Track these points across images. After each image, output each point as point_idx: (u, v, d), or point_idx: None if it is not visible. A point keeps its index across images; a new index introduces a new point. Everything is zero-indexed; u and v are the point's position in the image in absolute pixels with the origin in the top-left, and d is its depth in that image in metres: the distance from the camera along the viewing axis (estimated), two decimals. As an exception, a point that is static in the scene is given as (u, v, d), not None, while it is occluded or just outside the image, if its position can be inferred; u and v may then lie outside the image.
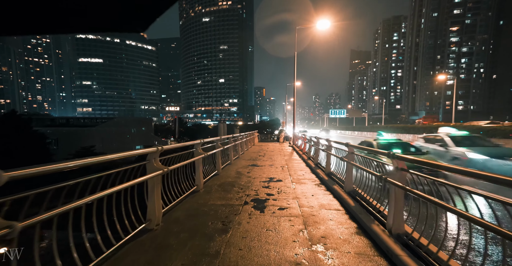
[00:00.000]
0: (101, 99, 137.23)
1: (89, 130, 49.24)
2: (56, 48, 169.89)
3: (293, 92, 16.46)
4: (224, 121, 37.61)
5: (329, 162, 5.75)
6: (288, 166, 7.53)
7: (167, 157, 3.24)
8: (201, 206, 3.50)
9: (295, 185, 4.98)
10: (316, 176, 5.93)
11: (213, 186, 4.71)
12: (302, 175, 6.11)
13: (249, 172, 6.38)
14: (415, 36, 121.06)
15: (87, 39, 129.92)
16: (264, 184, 4.98)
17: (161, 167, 2.67)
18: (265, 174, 6.08)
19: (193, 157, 4.13)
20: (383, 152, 2.61)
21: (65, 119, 65.63)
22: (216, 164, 5.95)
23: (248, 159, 9.00)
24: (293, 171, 6.58)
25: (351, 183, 4.08)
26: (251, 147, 14.40)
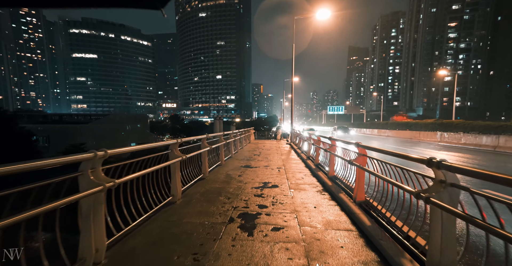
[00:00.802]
0: (96, 95, 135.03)
1: (82, 127, 48.09)
2: (49, 43, 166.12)
3: (291, 88, 15.64)
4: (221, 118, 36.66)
5: (332, 163, 4.97)
6: (286, 167, 6.75)
7: (125, 162, 2.43)
8: (171, 226, 2.68)
9: (293, 192, 4.20)
10: (318, 179, 5.15)
11: (194, 195, 3.90)
12: (301, 178, 5.33)
13: (240, 175, 5.58)
14: (414, 32, 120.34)
15: (80, 34, 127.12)
16: (256, 191, 4.19)
17: (103, 181, 1.87)
18: (259, 178, 5.29)
19: (168, 161, 3.31)
20: (421, 158, 1.80)
21: (58, 116, 64.35)
22: (202, 166, 5.13)
23: (242, 159, 8.19)
24: (291, 174, 5.80)
25: (362, 192, 3.31)
26: (247, 145, 13.60)
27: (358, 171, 3.32)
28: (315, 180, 5.13)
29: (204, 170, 5.13)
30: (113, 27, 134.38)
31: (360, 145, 3.29)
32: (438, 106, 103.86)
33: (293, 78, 15.39)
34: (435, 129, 16.79)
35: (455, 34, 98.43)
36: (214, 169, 6.22)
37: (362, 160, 3.28)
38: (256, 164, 7.22)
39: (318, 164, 6.48)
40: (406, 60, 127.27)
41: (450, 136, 14.55)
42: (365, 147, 3.24)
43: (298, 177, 5.42)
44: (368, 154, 3.28)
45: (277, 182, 4.95)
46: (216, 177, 5.32)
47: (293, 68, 14.19)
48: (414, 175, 2.08)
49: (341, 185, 4.26)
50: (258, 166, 6.87)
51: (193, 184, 4.55)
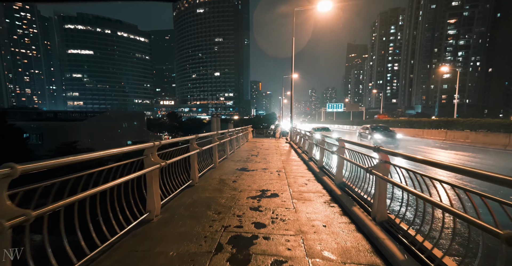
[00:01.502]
0: (92, 92, 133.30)
1: (77, 125, 47.13)
2: (45, 39, 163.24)
3: (291, 84, 14.94)
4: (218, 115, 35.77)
5: (341, 168, 4.31)
6: (286, 170, 6.10)
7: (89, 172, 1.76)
8: (137, 261, 2.01)
9: (296, 203, 3.55)
10: (323, 186, 4.50)
11: (178, 209, 3.23)
12: (305, 184, 4.68)
13: (235, 180, 4.91)
14: (413, 28, 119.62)
15: (76, 29, 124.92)
16: (253, 203, 3.53)
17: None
18: (256, 184, 4.63)
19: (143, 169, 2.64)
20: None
21: (53, 113, 63.34)
22: (191, 171, 4.46)
23: (238, 160, 7.52)
24: (293, 178, 5.15)
25: (384, 207, 2.66)
26: (244, 144, 12.93)
27: (379, 181, 2.67)
28: (320, 187, 4.48)
29: (193, 176, 4.45)
30: (109, 23, 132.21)
31: (382, 149, 2.63)
32: (436, 103, 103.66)
33: (292, 74, 14.68)
34: (440, 127, 16.15)
35: (455, 31, 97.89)
36: (206, 172, 5.55)
37: (384, 168, 2.62)
38: (253, 166, 6.56)
39: (323, 167, 5.83)
40: (405, 57, 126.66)
41: (456, 134, 13.94)
42: (388, 151, 2.58)
43: (301, 183, 4.76)
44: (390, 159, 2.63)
45: (277, 189, 4.29)
46: (207, 183, 4.64)
47: (293, 63, 13.47)
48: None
49: (353, 195, 3.61)
50: (255, 168, 6.21)
51: (179, 193, 3.88)
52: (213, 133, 6.05)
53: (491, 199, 1.31)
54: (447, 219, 3.39)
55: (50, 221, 1.60)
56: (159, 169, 2.90)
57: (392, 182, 2.35)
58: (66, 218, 1.75)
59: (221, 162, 7.14)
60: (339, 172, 4.30)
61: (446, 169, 1.62)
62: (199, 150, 4.41)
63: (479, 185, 5.51)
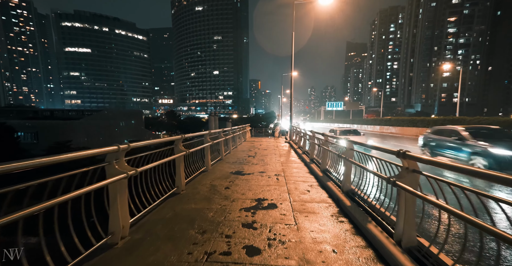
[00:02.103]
0: (90, 91, 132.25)
1: (73, 124, 46.46)
2: (42, 37, 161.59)
3: (290, 82, 14.34)
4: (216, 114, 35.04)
5: (349, 172, 3.73)
6: (286, 173, 5.51)
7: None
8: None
9: (298, 216, 2.96)
10: (329, 194, 3.92)
11: (154, 226, 2.63)
12: (307, 191, 4.10)
13: (228, 186, 4.32)
14: (413, 27, 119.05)
15: (73, 27, 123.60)
16: (246, 217, 2.94)
17: None
18: (252, 191, 4.04)
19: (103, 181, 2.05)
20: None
21: (50, 112, 62.60)
22: (176, 177, 3.87)
23: (233, 162, 6.93)
24: (293, 184, 4.56)
25: (412, 229, 2.07)
26: (241, 144, 12.34)
27: (404, 195, 2.08)
28: (325, 195, 3.90)
29: (179, 182, 3.86)
30: (106, 21, 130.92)
31: (408, 154, 2.03)
32: (436, 102, 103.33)
33: (292, 70, 14.07)
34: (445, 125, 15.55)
35: (455, 29, 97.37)
36: (196, 177, 4.95)
37: (413, 179, 2.03)
38: (249, 169, 5.97)
39: (326, 170, 5.24)
40: (405, 55, 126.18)
41: (463, 133, 13.30)
42: (417, 158, 1.99)
43: (303, 190, 4.18)
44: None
45: (276, 197, 3.71)
46: (195, 190, 4.05)
47: (293, 58, 12.88)
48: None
49: (365, 206, 3.03)
50: (252, 171, 5.62)
51: (160, 203, 3.29)
52: (204, 133, 5.46)
53: None
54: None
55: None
56: (128, 178, 2.30)
57: (426, 199, 1.76)
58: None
59: (214, 163, 6.55)
60: (347, 177, 3.72)
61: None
62: (185, 152, 3.82)
63: None
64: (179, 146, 3.75)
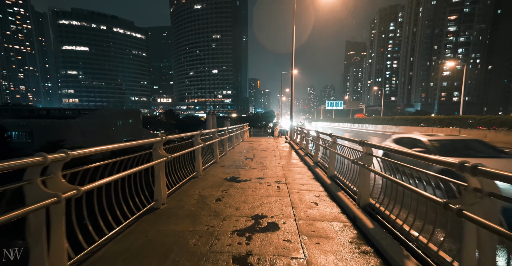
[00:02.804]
0: (88, 89, 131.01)
1: (69, 122, 45.62)
2: (39, 35, 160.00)
3: (291, 80, 13.63)
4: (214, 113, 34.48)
5: (367, 182, 3.03)
6: (287, 179, 4.82)
7: None
8: None
9: (307, 244, 2.28)
10: (342, 208, 3.23)
11: (115, 260, 1.95)
12: (314, 204, 3.42)
13: (220, 198, 3.63)
14: (413, 25, 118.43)
15: (70, 25, 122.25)
16: (239, 246, 2.25)
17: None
18: (248, 204, 3.35)
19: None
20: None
21: (46, 111, 61.74)
22: (155, 188, 3.16)
23: (229, 166, 6.23)
24: (297, 194, 3.88)
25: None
26: (239, 144, 11.64)
27: (470, 227, 1.39)
28: (336, 209, 3.21)
29: (159, 195, 3.15)
30: (104, 19, 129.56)
31: (482, 170, 1.33)
32: (436, 101, 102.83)
33: (293, 66, 13.37)
34: (452, 125, 14.90)
35: (455, 28, 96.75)
36: (183, 185, 4.24)
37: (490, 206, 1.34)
38: (246, 174, 5.27)
39: (335, 177, 4.55)
40: (405, 54, 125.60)
41: (471, 133, 12.66)
42: (493, 175, 1.29)
43: (309, 202, 3.49)
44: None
45: (277, 213, 3.02)
46: (179, 203, 3.34)
47: (293, 53, 12.17)
48: None
49: (393, 229, 2.35)
50: (249, 178, 4.93)
51: (130, 225, 2.59)
52: (194, 133, 4.75)
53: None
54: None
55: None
56: (79, 196, 1.60)
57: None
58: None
59: (208, 167, 5.85)
60: (364, 189, 3.03)
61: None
62: (167, 157, 3.12)
63: None
64: (158, 151, 3.05)
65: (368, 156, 2.96)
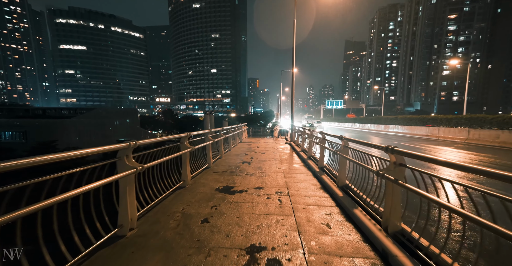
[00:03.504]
0: (86, 89, 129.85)
1: (64, 122, 44.77)
2: (36, 34, 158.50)
3: (291, 78, 12.91)
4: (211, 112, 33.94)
5: (397, 201, 2.32)
6: (290, 189, 4.10)
7: None
8: None
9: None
10: (362, 234, 2.50)
11: None
12: (326, 226, 2.70)
13: (208, 218, 2.89)
14: (412, 24, 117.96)
15: (68, 24, 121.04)
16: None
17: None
18: (242, 229, 2.61)
19: None
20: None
21: (42, 110, 60.88)
22: (120, 207, 2.42)
23: (223, 171, 5.50)
24: (304, 211, 3.16)
25: None
26: (236, 145, 10.92)
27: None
28: (356, 235, 2.48)
29: (125, 219, 2.40)
30: (102, 18, 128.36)
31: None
32: (436, 100, 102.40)
33: (294, 62, 12.66)
34: (460, 125, 14.18)
35: (455, 27, 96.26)
36: (164, 200, 3.51)
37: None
38: (243, 182, 4.54)
39: (346, 187, 3.83)
40: (404, 53, 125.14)
41: (481, 133, 11.95)
42: None
43: (319, 223, 2.77)
44: None
45: (279, 244, 2.29)
46: (153, 228, 2.58)
47: (294, 48, 11.46)
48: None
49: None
50: (245, 188, 4.20)
51: (83, 262, 1.87)
52: (182, 136, 4.02)
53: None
54: None
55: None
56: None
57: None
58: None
59: (198, 174, 5.11)
60: (394, 211, 2.30)
61: None
62: (136, 169, 2.38)
63: None
64: (124, 160, 2.32)
65: (399, 168, 2.24)
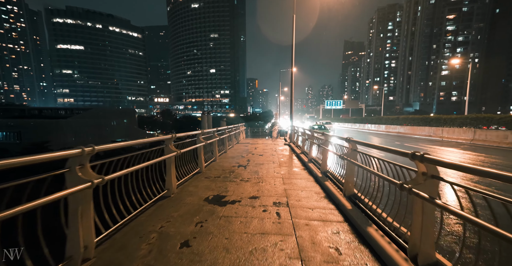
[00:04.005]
0: (83, 89, 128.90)
1: (59, 122, 44.09)
2: (33, 33, 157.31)
3: (291, 77, 12.40)
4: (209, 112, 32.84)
5: (430, 221, 1.80)
6: (290, 199, 3.57)
7: None
8: None
9: None
10: (382, 263, 2.00)
11: None
12: (335, 251, 2.15)
13: (189, 241, 2.29)
14: (411, 24, 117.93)
15: (65, 24, 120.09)
16: None
17: None
18: (230, 257, 2.00)
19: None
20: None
21: (38, 110, 60.26)
22: (69, 235, 1.85)
23: (216, 177, 4.96)
24: (306, 229, 2.62)
25: None
26: (233, 147, 10.38)
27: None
28: (374, 265, 1.97)
29: (75, 249, 1.82)
30: (100, 17, 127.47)
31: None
32: (435, 101, 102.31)
33: (293, 59, 12.15)
34: (465, 125, 13.69)
35: (454, 27, 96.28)
36: (141, 214, 2.96)
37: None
38: (236, 190, 4.01)
39: (354, 197, 3.30)
40: (403, 54, 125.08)
41: (489, 134, 11.47)
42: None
43: (326, 247, 2.24)
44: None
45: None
46: (116, 258, 2.01)
47: (293, 44, 10.95)
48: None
49: None
50: (239, 197, 3.67)
51: None
52: (166, 137, 3.48)
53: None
54: None
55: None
56: None
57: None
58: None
59: (187, 181, 4.56)
60: (426, 235, 1.78)
61: None
62: (90, 183, 1.84)
63: None
64: (76, 172, 1.77)
65: (431, 180, 1.72)
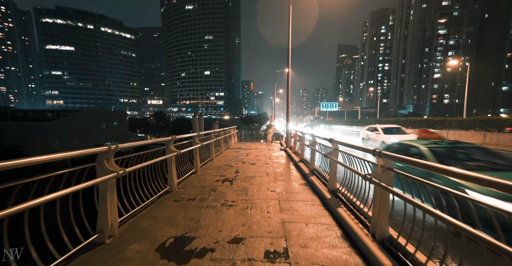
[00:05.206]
0: (73, 91, 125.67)
1: (43, 125, 41.95)
2: (22, 34, 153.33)
3: (287, 78, 11.29)
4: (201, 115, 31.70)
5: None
6: (290, 241, 2.36)
7: None
8: None
9: None
10: None
11: None
12: None
13: None
14: (404, 28, 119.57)
15: (55, 24, 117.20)
16: None
17: None
18: None
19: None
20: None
21: (22, 112, 57.68)
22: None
23: (190, 199, 3.69)
24: None
25: None
26: (221, 153, 9.14)
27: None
28: None
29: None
30: (91, 18, 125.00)
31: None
32: (427, 103, 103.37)
33: (289, 59, 11.06)
34: (472, 127, 12.78)
35: (445, 31, 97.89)
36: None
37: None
38: (212, 227, 2.72)
39: (389, 240, 2.13)
40: (396, 57, 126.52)
41: (501, 137, 10.52)
42: None
43: None
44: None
45: None
46: None
47: (289, 42, 9.87)
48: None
49: None
50: (212, 242, 2.39)
51: None
52: (100, 149, 2.24)
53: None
54: None
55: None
56: None
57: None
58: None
59: (143, 210, 3.26)
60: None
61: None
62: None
63: None
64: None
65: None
